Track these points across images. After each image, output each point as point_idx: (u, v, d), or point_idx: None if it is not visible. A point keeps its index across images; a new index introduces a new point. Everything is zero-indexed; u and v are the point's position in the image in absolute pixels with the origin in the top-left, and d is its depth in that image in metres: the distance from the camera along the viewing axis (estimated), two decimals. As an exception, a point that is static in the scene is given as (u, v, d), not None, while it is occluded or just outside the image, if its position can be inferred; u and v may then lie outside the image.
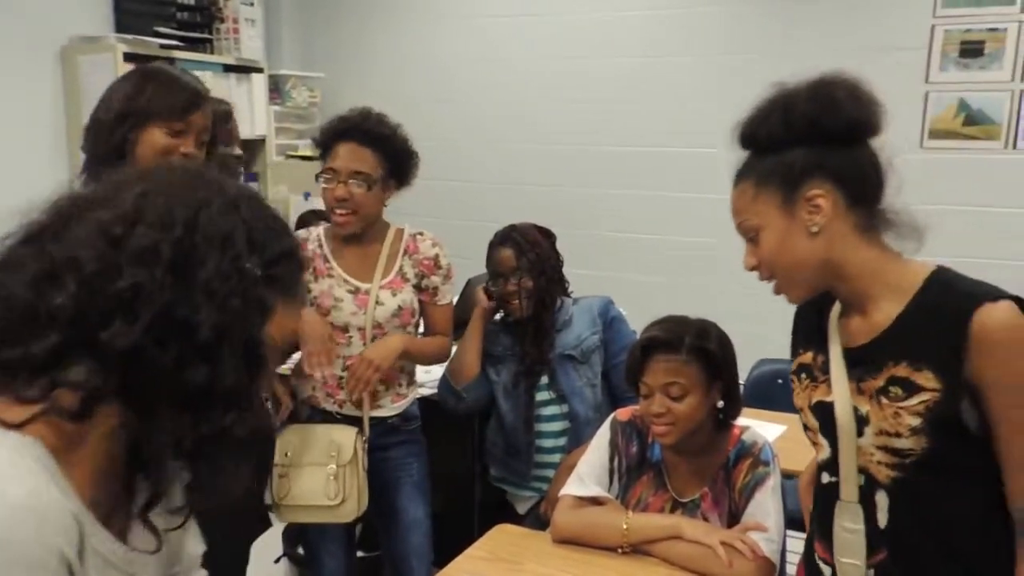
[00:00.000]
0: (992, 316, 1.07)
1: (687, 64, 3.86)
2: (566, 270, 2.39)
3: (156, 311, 0.68)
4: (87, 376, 0.68)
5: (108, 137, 1.67)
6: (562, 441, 2.30)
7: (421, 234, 2.14)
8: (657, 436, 1.74)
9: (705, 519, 1.74)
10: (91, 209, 0.73)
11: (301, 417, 2.12)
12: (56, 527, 0.66)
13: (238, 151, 2.32)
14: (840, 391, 1.20)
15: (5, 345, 0.68)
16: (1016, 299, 1.10)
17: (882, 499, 1.18)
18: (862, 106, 1.15)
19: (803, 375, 1.30)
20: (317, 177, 2.04)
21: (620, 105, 4.01)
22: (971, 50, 3.29)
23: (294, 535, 2.59)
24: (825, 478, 1.27)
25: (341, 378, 2.07)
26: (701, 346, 1.69)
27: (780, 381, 2.88)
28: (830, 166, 1.15)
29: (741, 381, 1.85)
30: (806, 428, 1.30)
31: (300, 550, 2.46)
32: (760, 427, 1.84)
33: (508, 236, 2.31)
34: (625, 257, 4.06)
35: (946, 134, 3.36)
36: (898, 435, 1.13)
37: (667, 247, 3.99)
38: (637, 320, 2.29)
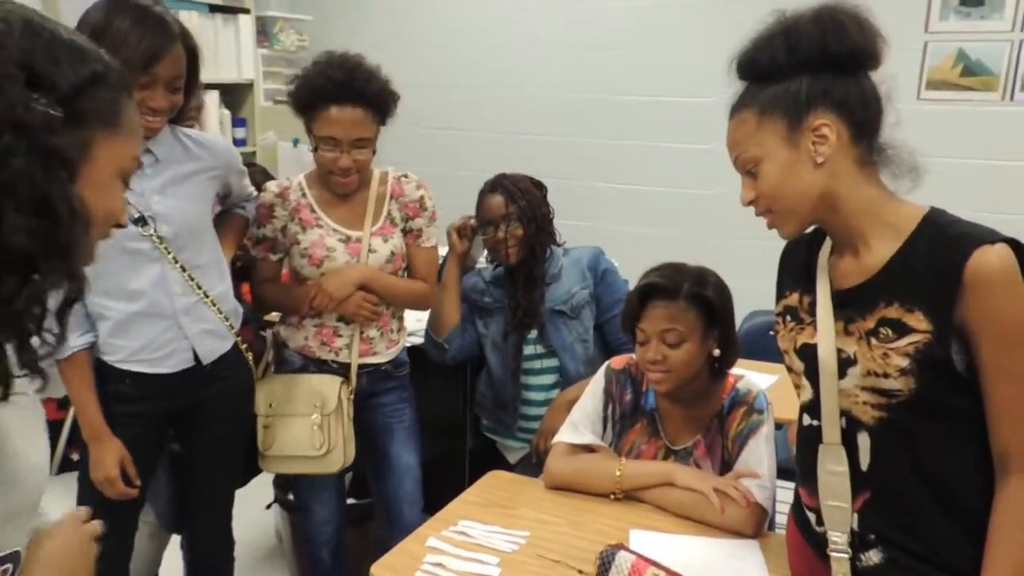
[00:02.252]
0: (987, 259, 1.06)
1: (680, 12, 3.79)
2: (559, 221, 2.36)
3: None
4: None
5: None
6: (552, 394, 2.30)
7: (405, 176, 2.10)
8: (652, 383, 1.74)
9: (698, 467, 1.75)
10: None
11: (294, 367, 2.09)
12: None
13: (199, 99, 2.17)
14: (825, 333, 1.19)
15: None
16: (1011, 241, 1.08)
17: (864, 440, 1.18)
18: (866, 34, 1.13)
19: (788, 317, 1.28)
20: (313, 142, 1.95)
21: (613, 53, 3.94)
22: (972, -1, 3.24)
23: (284, 482, 2.59)
24: (806, 420, 1.27)
25: (336, 327, 2.05)
26: (699, 293, 1.68)
27: (772, 332, 2.87)
28: (835, 95, 1.12)
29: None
30: (790, 370, 1.29)
31: (291, 496, 2.46)
32: (753, 377, 1.84)
33: (498, 183, 2.28)
34: (617, 208, 4.03)
35: (943, 85, 3.32)
36: (886, 375, 1.12)
37: (660, 198, 3.95)
38: (629, 272, 2.27)
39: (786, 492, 1.66)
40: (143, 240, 1.67)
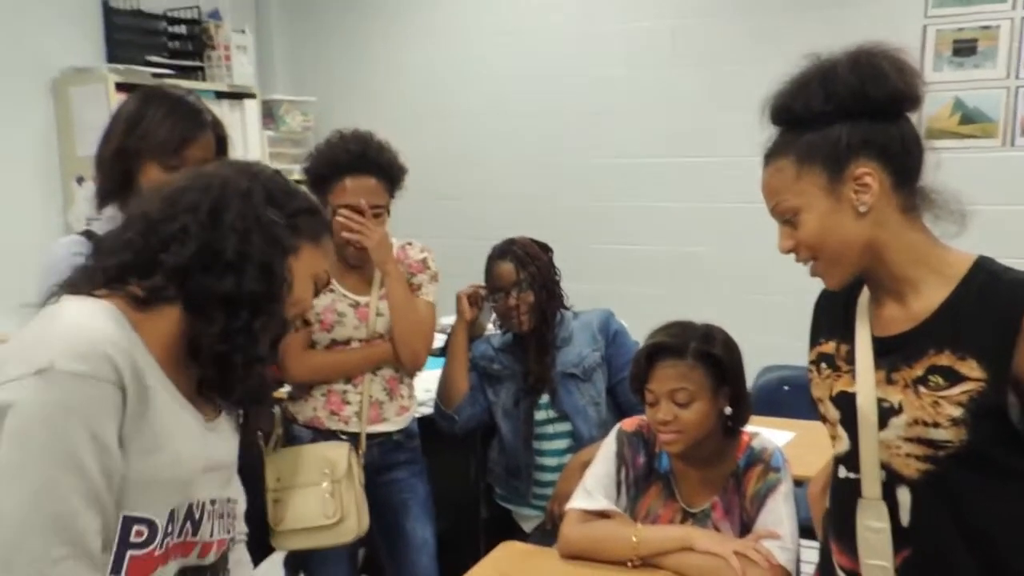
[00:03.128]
0: None
1: (675, 74, 3.85)
2: (566, 284, 2.35)
3: (200, 243, 1.02)
4: (152, 281, 1.01)
5: (109, 174, 1.66)
6: (566, 459, 2.26)
7: (410, 244, 2.17)
8: (664, 444, 1.70)
9: (716, 529, 1.70)
10: (160, 189, 1.11)
11: (303, 442, 2.07)
12: (111, 343, 0.93)
13: None
14: (865, 382, 1.15)
15: (100, 264, 1.05)
16: None
17: (904, 496, 1.13)
18: (906, 76, 1.10)
19: (823, 364, 1.24)
20: (330, 212, 1.98)
21: (610, 117, 4.00)
22: (964, 48, 3.28)
23: (296, 562, 2.53)
24: (842, 472, 1.21)
25: (345, 392, 2.04)
26: (707, 350, 1.66)
27: (787, 388, 2.84)
28: (876, 142, 1.09)
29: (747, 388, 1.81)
30: (824, 420, 1.24)
31: (303, 577, 2.41)
32: (768, 434, 1.80)
33: (507, 250, 2.28)
34: (622, 269, 4.03)
35: (943, 133, 3.34)
36: (936, 425, 1.08)
37: (665, 257, 3.96)
38: (637, 333, 2.25)
39: (808, 551, 1.61)
40: None
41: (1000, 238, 3.27)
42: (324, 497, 1.94)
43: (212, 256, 1.02)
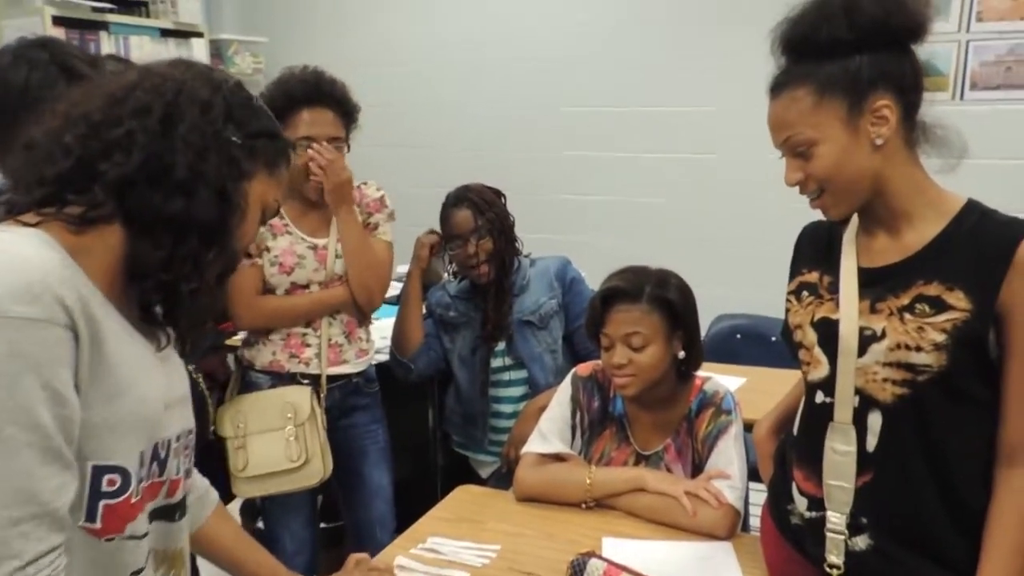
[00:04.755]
0: None
1: (634, 24, 3.82)
2: (521, 235, 2.34)
3: (146, 154, 0.91)
4: (89, 197, 0.90)
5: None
6: (521, 406, 2.27)
7: (365, 183, 2.13)
8: (619, 388, 1.72)
9: (668, 470, 1.73)
10: (105, 86, 0.96)
11: (262, 388, 2.04)
12: (58, 280, 0.83)
13: None
14: (848, 310, 1.17)
15: (30, 179, 0.91)
16: None
17: (875, 421, 1.16)
18: (922, 7, 1.11)
19: (805, 293, 1.27)
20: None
21: (567, 66, 3.96)
22: (918, 1, 3.31)
23: (253, 510, 2.53)
24: (819, 398, 1.24)
25: (304, 335, 2.02)
26: (661, 295, 1.67)
27: (739, 336, 2.89)
28: (893, 74, 1.11)
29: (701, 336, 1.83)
30: (800, 346, 1.26)
31: (259, 525, 2.40)
32: (721, 379, 1.83)
33: (463, 196, 2.25)
34: (577, 219, 4.03)
35: (894, 87, 3.38)
36: (919, 349, 1.11)
37: (620, 208, 3.97)
38: (592, 283, 2.26)
39: (757, 495, 1.65)
40: None
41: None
42: (288, 440, 1.93)
43: (161, 170, 0.91)
